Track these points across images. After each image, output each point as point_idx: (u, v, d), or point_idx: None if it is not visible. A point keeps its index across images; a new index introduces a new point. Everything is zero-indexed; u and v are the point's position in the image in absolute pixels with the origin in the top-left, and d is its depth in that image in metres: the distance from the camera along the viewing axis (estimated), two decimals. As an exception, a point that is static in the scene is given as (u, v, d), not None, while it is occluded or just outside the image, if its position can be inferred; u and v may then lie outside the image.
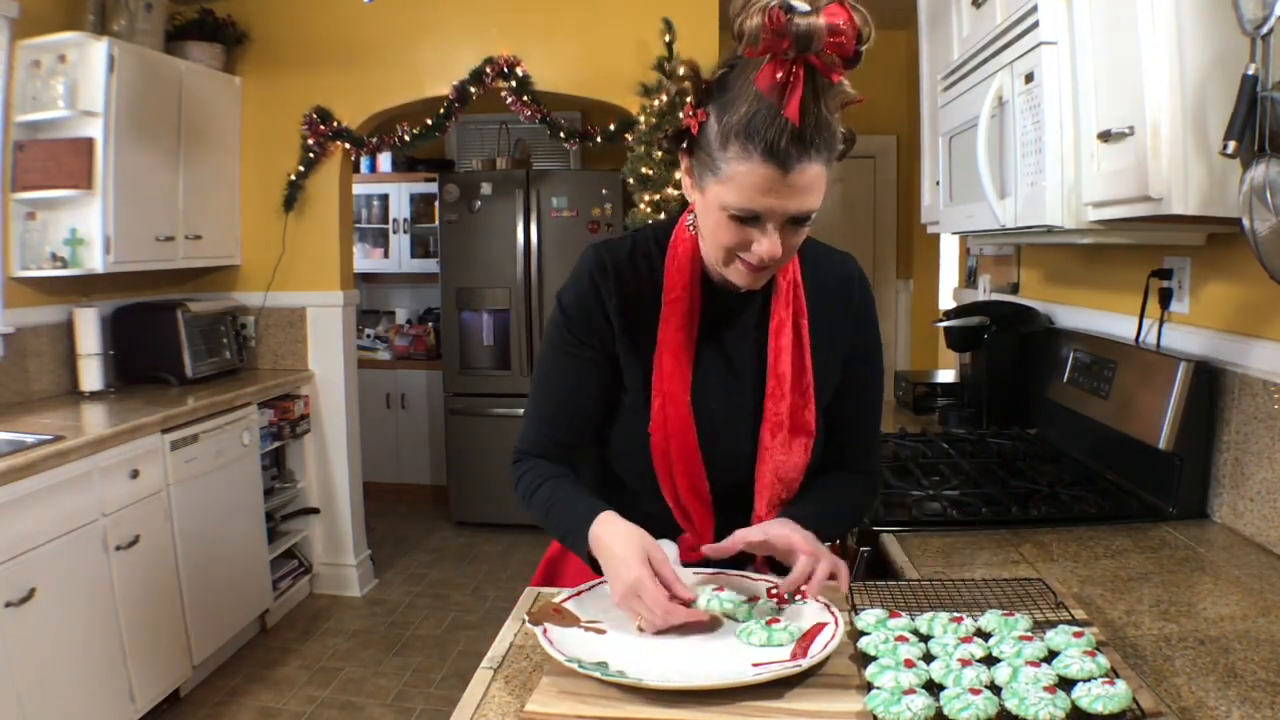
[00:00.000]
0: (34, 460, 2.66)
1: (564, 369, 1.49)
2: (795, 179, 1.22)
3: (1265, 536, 1.73)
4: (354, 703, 3.48)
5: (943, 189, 2.57)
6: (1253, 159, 1.36)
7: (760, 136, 1.20)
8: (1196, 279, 2.04)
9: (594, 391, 1.49)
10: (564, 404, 1.51)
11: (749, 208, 1.24)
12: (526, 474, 1.51)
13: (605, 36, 4.20)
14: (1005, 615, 1.25)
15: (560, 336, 1.49)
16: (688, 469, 1.44)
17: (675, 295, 1.43)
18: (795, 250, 1.32)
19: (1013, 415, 2.74)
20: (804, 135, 1.19)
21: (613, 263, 1.46)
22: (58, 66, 3.41)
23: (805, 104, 1.17)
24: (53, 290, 3.66)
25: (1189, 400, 1.87)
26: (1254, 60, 1.35)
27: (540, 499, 1.47)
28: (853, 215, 5.65)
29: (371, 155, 5.62)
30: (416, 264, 6.27)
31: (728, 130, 1.23)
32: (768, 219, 1.25)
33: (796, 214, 1.25)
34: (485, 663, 1.28)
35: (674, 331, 1.43)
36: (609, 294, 1.45)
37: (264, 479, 4.04)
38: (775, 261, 1.29)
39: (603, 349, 1.47)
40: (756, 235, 1.27)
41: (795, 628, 1.25)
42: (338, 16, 4.25)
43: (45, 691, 2.70)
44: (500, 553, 5.16)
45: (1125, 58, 1.62)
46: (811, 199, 1.24)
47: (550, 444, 1.52)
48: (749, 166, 1.22)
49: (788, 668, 1.14)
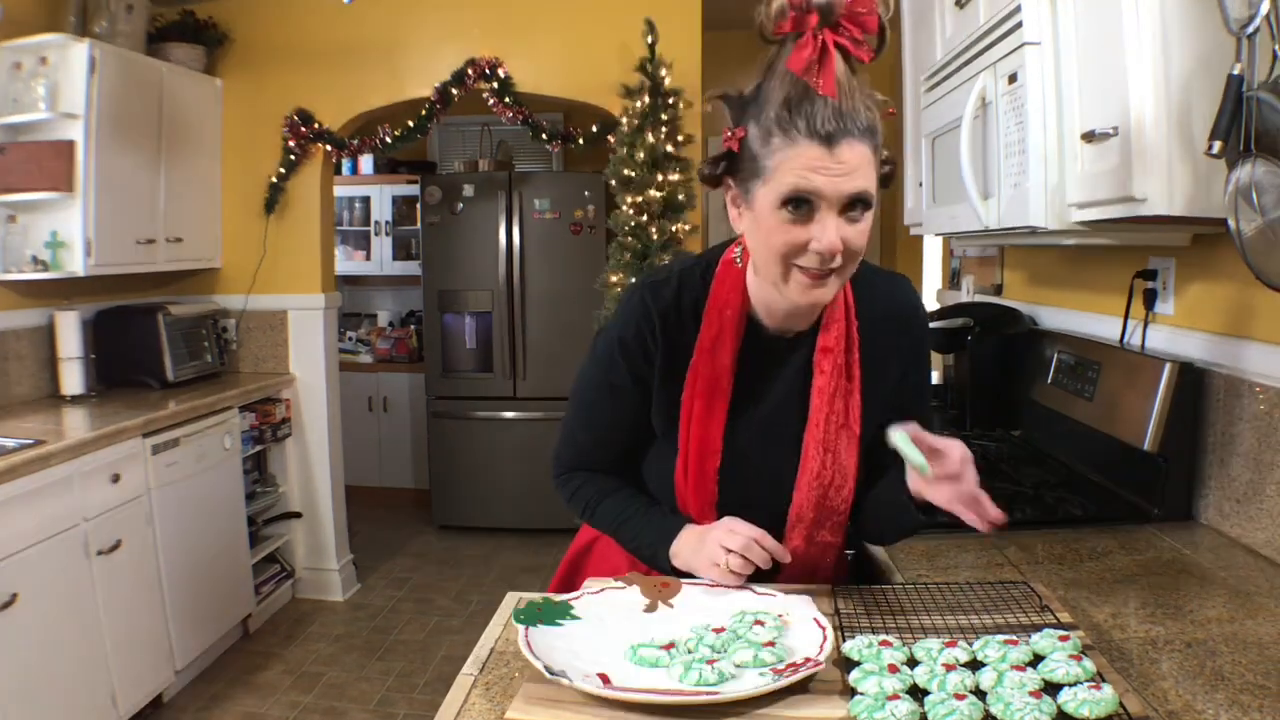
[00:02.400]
0: (14, 465, 2.63)
1: (605, 406, 1.52)
2: (842, 154, 1.18)
3: (1251, 538, 1.73)
4: (337, 708, 3.45)
5: (925, 190, 2.57)
6: (1238, 159, 1.36)
7: (801, 116, 1.19)
8: (1181, 280, 2.04)
9: (635, 426, 1.51)
10: (603, 440, 1.56)
11: (800, 188, 1.19)
12: (583, 487, 1.56)
13: (587, 38, 4.19)
14: (1007, 643, 1.19)
15: (603, 375, 1.50)
16: (702, 515, 1.45)
17: (707, 344, 1.40)
18: (857, 249, 1.24)
19: (997, 417, 2.74)
20: (843, 111, 1.18)
21: (659, 308, 1.43)
22: (39, 68, 3.38)
23: (840, 80, 1.17)
24: (33, 293, 3.62)
25: (1174, 401, 1.87)
26: (1239, 60, 1.34)
27: (606, 515, 1.53)
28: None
29: (353, 157, 5.58)
30: (399, 266, 6.25)
31: (767, 126, 1.22)
32: (821, 203, 1.20)
33: (851, 195, 1.20)
34: (466, 668, 1.26)
35: (705, 381, 1.41)
36: (654, 340, 1.43)
37: (245, 483, 4.01)
38: (836, 260, 1.22)
39: (645, 392, 1.47)
40: (814, 230, 1.21)
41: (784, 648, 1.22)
42: (319, 18, 4.22)
43: (27, 697, 2.67)
44: (483, 556, 5.14)
45: (1109, 58, 1.62)
46: (861, 179, 1.20)
47: (592, 463, 1.58)
48: (794, 150, 1.19)
49: (780, 679, 1.12)
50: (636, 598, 1.40)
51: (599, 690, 1.11)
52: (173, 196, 3.98)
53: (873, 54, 1.21)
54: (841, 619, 1.32)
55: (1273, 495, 1.66)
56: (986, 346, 2.77)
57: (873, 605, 1.38)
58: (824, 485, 1.40)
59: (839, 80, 1.17)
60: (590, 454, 1.57)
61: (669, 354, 1.43)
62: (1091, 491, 2.07)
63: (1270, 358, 1.69)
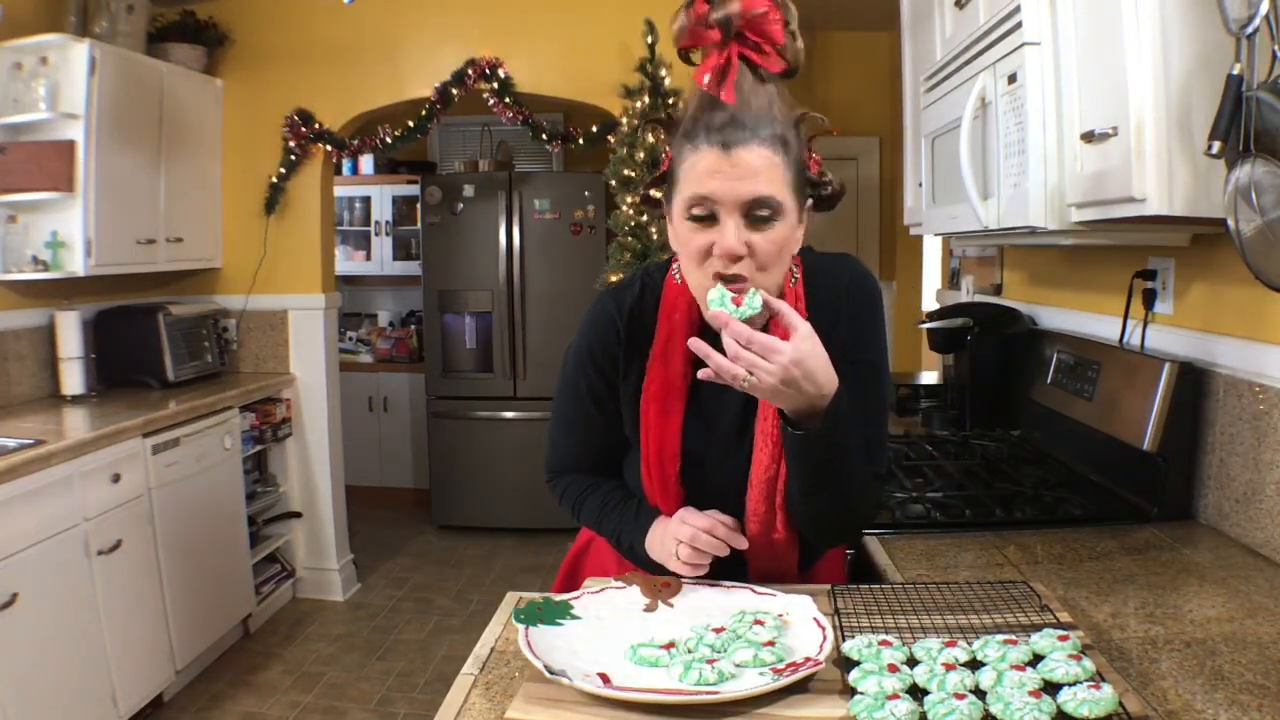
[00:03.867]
0: (14, 465, 2.63)
1: (580, 411, 1.54)
2: (739, 158, 1.21)
3: (1250, 538, 1.73)
4: (337, 707, 3.45)
5: (925, 190, 2.57)
6: (1238, 159, 1.36)
7: (701, 124, 1.23)
8: (1181, 280, 2.04)
9: (610, 428, 1.53)
10: (584, 442, 1.58)
11: (697, 192, 1.23)
12: (570, 487, 1.60)
13: (587, 38, 4.19)
14: (1007, 642, 1.18)
15: (576, 381, 1.52)
16: (671, 510, 1.46)
17: (659, 350, 1.42)
18: (765, 255, 1.25)
19: (996, 417, 2.74)
20: (742, 118, 1.22)
21: (622, 313, 1.46)
22: (39, 69, 3.38)
23: (741, 87, 1.21)
24: (34, 293, 3.62)
25: (1173, 401, 1.87)
26: (1239, 60, 1.35)
27: (589, 511, 1.56)
28: (835, 217, 5.62)
29: (354, 157, 5.59)
30: (399, 266, 6.24)
31: (680, 140, 1.27)
32: (719, 208, 1.23)
33: (749, 198, 1.22)
34: (466, 668, 1.26)
35: (658, 385, 1.42)
36: (620, 345, 1.46)
37: (245, 483, 4.01)
38: (741, 265, 1.23)
39: (615, 396, 1.49)
40: (714, 234, 1.24)
41: (783, 648, 1.22)
42: (320, 18, 4.23)
43: (27, 696, 2.68)
44: (483, 556, 5.14)
45: (1109, 58, 1.62)
46: (760, 183, 1.22)
47: (577, 464, 1.61)
48: (696, 157, 1.24)
49: (780, 679, 1.12)
50: (637, 597, 1.40)
51: (599, 690, 1.11)
52: (173, 196, 3.98)
53: (784, 64, 1.25)
54: (841, 619, 1.32)
55: (1272, 495, 1.67)
56: (986, 346, 2.77)
57: (872, 605, 1.38)
58: (773, 479, 1.39)
59: (740, 88, 1.21)
60: (575, 457, 1.60)
61: (634, 357, 1.46)
62: (1091, 491, 2.07)
63: (1270, 357, 1.69)
